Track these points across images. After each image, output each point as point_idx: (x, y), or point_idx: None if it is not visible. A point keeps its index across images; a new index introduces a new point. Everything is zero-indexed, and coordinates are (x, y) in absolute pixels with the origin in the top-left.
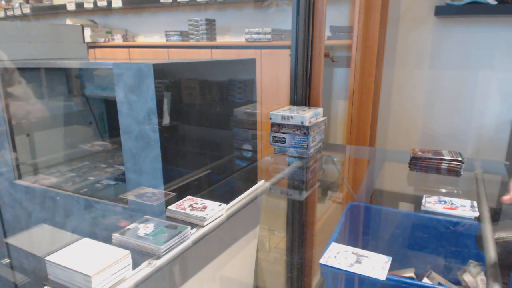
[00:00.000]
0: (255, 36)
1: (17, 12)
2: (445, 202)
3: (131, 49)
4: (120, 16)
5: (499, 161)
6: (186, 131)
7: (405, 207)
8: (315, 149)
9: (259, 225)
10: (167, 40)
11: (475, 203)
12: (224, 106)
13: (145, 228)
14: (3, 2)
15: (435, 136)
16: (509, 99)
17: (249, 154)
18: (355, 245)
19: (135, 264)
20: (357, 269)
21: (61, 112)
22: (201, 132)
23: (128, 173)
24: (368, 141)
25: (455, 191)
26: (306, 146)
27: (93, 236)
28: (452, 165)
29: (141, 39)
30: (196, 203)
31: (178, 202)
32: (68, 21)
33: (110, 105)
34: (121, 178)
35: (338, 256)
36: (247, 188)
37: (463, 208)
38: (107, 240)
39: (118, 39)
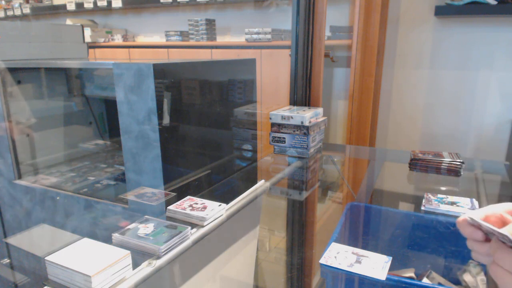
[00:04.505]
0: (255, 36)
1: (17, 12)
2: (445, 202)
3: (131, 49)
4: (120, 16)
5: (499, 161)
6: (186, 131)
7: (405, 207)
8: (315, 149)
9: (259, 225)
10: (167, 40)
11: (475, 203)
12: (224, 106)
13: (145, 228)
14: (3, 2)
15: (435, 136)
16: (509, 99)
17: (249, 154)
18: (355, 245)
19: (135, 264)
20: (357, 269)
21: (61, 112)
22: (201, 132)
23: (128, 173)
24: (368, 141)
25: (455, 191)
26: (306, 146)
27: (93, 236)
28: (452, 165)
29: (141, 39)
30: (196, 203)
31: (178, 202)
32: (68, 21)
33: (110, 105)
34: (121, 178)
35: (338, 256)
36: (247, 188)
37: (463, 208)
38: (107, 240)
39: (118, 39)
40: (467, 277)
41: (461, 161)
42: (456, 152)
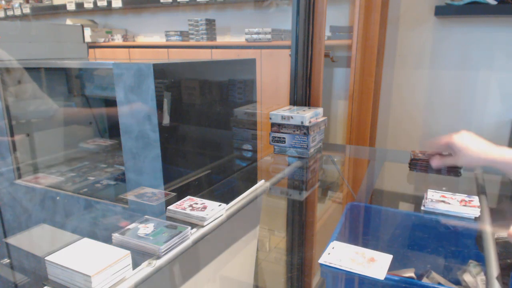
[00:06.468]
0: (255, 36)
1: (17, 12)
2: (445, 202)
3: (131, 49)
4: (120, 16)
5: None
6: (186, 131)
7: (405, 207)
8: (315, 149)
9: (259, 225)
10: (167, 40)
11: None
12: (224, 106)
13: (145, 228)
14: (3, 2)
15: (435, 136)
16: (509, 99)
17: (249, 154)
18: (355, 245)
19: (135, 264)
20: (357, 269)
21: (61, 112)
22: (201, 132)
23: (128, 173)
24: (368, 141)
25: (455, 191)
26: (306, 146)
27: (93, 236)
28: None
29: (141, 39)
30: (196, 203)
31: (178, 202)
32: (68, 21)
33: (110, 105)
34: (121, 178)
35: (338, 255)
36: (247, 188)
37: (463, 208)
38: (107, 240)
39: (118, 39)
40: (467, 277)
41: None
42: None
